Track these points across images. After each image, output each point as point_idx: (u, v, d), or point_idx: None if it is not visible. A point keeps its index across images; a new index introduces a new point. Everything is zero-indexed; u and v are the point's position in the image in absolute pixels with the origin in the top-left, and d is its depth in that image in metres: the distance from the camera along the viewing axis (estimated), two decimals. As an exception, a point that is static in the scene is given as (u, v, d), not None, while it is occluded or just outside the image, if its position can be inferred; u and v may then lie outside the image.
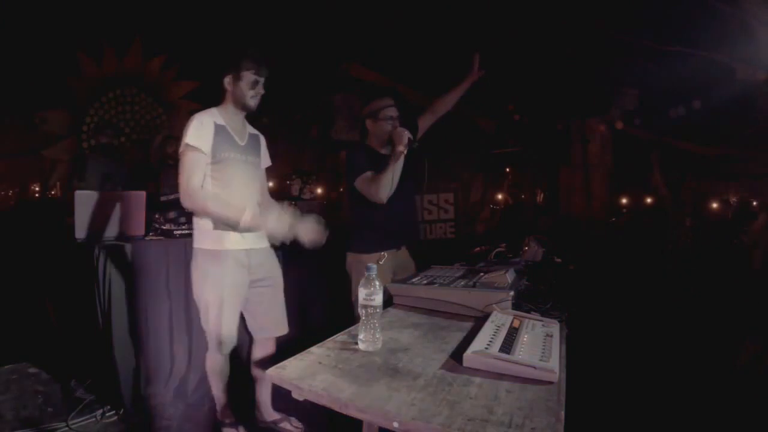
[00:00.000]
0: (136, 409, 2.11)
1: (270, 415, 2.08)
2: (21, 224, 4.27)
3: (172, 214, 2.59)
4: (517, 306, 1.46)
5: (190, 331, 2.33)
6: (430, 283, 1.62)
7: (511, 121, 6.43)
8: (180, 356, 2.29)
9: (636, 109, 5.88)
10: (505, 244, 2.28)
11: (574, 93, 5.63)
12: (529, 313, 1.39)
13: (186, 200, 1.72)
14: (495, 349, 1.05)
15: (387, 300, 1.53)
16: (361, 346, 1.17)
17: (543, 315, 1.38)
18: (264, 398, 2.08)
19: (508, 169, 9.00)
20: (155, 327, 2.20)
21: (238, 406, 2.06)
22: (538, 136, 6.56)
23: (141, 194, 2.35)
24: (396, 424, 0.84)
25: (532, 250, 2.15)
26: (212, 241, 1.79)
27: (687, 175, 6.06)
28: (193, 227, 1.85)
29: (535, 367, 0.98)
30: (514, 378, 0.98)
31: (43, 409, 2.13)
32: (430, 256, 2.28)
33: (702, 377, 2.56)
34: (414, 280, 1.71)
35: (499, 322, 1.26)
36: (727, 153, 6.70)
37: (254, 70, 1.78)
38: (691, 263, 4.74)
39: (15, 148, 5.47)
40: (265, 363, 2.01)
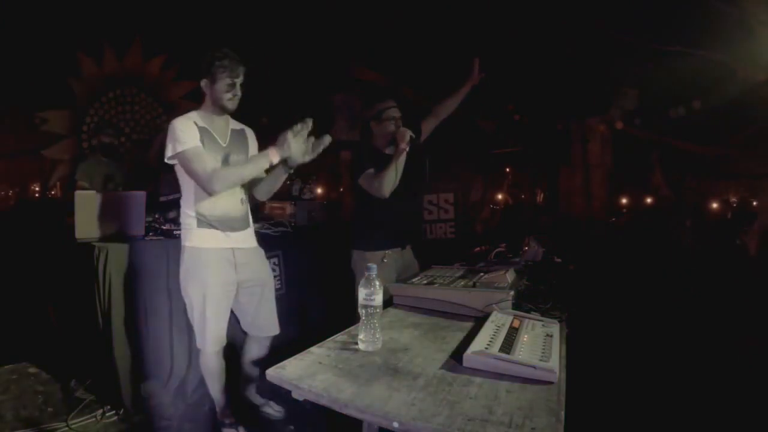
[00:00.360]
0: (136, 409, 2.10)
1: (254, 398, 2.15)
2: (21, 224, 4.26)
3: (172, 214, 2.59)
4: (517, 306, 1.46)
5: (190, 331, 2.31)
6: (430, 283, 1.63)
7: (511, 121, 6.43)
8: (180, 356, 2.28)
9: (636, 109, 5.87)
10: (505, 244, 2.29)
11: (574, 93, 5.63)
12: (529, 313, 1.40)
13: (216, 185, 1.71)
14: (495, 349, 1.05)
15: (387, 300, 1.53)
16: (361, 346, 1.17)
17: (543, 315, 1.38)
18: (249, 390, 2.15)
19: (508, 169, 9.00)
20: (155, 327, 2.20)
21: (238, 407, 2.06)
22: (538, 136, 6.55)
23: (141, 194, 2.35)
24: (396, 424, 0.84)
25: (532, 250, 2.16)
26: (196, 239, 1.80)
27: (687, 175, 6.05)
28: (180, 226, 1.86)
29: (535, 367, 0.98)
30: (514, 378, 0.99)
31: (43, 409, 2.13)
32: (430, 256, 2.29)
33: (702, 377, 2.56)
34: (414, 280, 1.72)
35: (499, 322, 1.26)
36: (727, 153, 6.70)
37: (228, 72, 1.76)
38: (691, 263, 4.74)
39: (15, 148, 5.47)
40: (257, 361, 2.06)
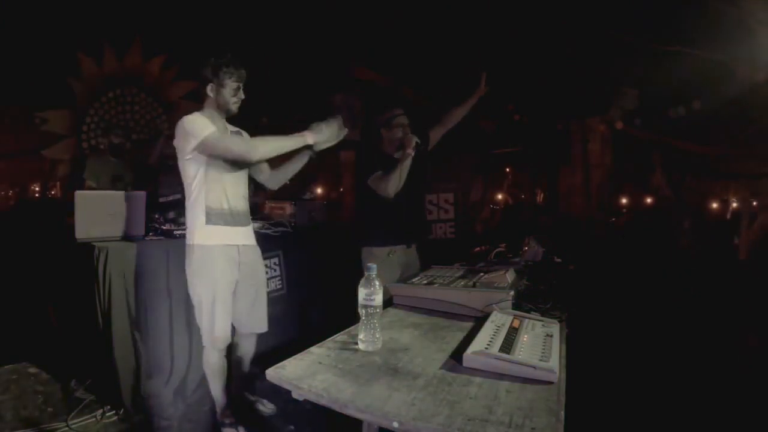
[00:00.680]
0: (136, 409, 2.10)
1: (245, 395, 2.18)
2: (21, 224, 4.26)
3: (172, 214, 2.59)
4: (517, 306, 1.46)
5: (190, 331, 2.33)
6: (430, 283, 1.63)
7: (511, 121, 6.42)
8: (180, 356, 2.29)
9: (636, 109, 5.86)
10: (505, 244, 2.30)
11: (574, 93, 5.62)
12: (529, 313, 1.40)
13: (253, 155, 1.78)
14: (495, 349, 1.05)
15: (387, 300, 1.54)
16: (361, 346, 1.17)
17: (543, 315, 1.38)
18: (241, 387, 2.15)
19: (508, 169, 9.00)
20: (155, 327, 2.20)
21: (238, 407, 2.06)
22: (538, 136, 6.55)
23: (141, 194, 2.35)
24: (396, 424, 0.84)
25: (532, 250, 2.16)
26: (205, 237, 1.82)
27: (687, 175, 6.04)
28: (186, 224, 1.87)
29: (534, 367, 0.98)
30: (514, 378, 0.98)
31: (43, 409, 2.13)
32: (430, 256, 2.30)
33: (702, 376, 2.56)
34: (414, 280, 1.72)
35: (499, 322, 1.26)
36: (727, 153, 6.69)
37: (236, 77, 1.84)
38: (691, 263, 4.74)
39: (15, 148, 5.47)
40: (247, 358, 2.10)
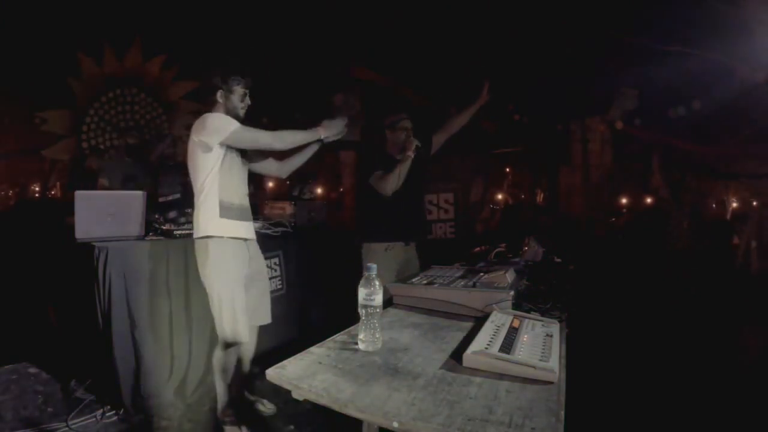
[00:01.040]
0: (136, 409, 2.10)
1: (245, 394, 2.18)
2: (21, 224, 4.26)
3: (172, 214, 2.59)
4: (517, 306, 1.46)
5: (190, 331, 2.33)
6: (430, 283, 1.63)
7: (511, 121, 6.42)
8: (180, 356, 2.29)
9: (636, 109, 5.86)
10: (505, 244, 2.31)
11: (574, 93, 5.63)
12: (529, 313, 1.39)
13: (278, 145, 1.91)
14: (495, 349, 1.05)
15: (387, 300, 1.53)
16: (361, 346, 1.17)
17: (543, 315, 1.38)
18: (242, 386, 2.14)
19: (508, 169, 9.01)
20: (155, 327, 2.20)
21: (239, 407, 2.06)
22: (538, 136, 6.56)
23: (141, 194, 2.35)
24: (396, 424, 0.84)
25: (532, 250, 2.16)
26: (220, 229, 1.84)
27: (687, 175, 6.04)
28: (198, 217, 1.86)
29: (534, 367, 0.98)
30: (514, 378, 0.98)
31: (43, 409, 2.13)
32: (430, 256, 2.30)
33: (702, 376, 2.56)
34: (414, 280, 1.72)
35: (499, 322, 1.26)
36: (727, 153, 6.69)
37: (243, 84, 1.92)
38: (690, 263, 4.74)
39: (15, 148, 5.48)
40: (248, 356, 2.10)
